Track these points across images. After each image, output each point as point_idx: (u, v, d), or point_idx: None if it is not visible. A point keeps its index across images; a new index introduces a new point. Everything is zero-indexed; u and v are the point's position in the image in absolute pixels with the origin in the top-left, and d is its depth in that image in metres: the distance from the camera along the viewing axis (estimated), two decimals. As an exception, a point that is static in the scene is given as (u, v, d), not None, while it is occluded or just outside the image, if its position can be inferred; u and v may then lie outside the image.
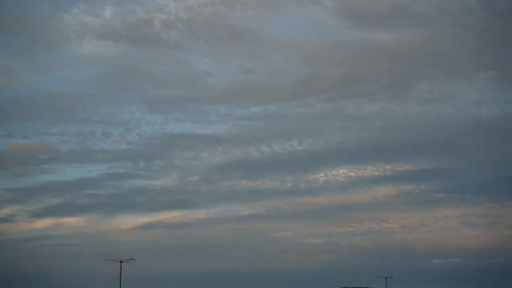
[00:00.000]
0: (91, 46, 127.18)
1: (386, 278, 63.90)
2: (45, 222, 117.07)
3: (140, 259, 77.22)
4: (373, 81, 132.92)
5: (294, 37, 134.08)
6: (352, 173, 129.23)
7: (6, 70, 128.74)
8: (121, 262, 59.83)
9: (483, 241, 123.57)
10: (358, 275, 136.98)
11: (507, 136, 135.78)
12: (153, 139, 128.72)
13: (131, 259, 59.57)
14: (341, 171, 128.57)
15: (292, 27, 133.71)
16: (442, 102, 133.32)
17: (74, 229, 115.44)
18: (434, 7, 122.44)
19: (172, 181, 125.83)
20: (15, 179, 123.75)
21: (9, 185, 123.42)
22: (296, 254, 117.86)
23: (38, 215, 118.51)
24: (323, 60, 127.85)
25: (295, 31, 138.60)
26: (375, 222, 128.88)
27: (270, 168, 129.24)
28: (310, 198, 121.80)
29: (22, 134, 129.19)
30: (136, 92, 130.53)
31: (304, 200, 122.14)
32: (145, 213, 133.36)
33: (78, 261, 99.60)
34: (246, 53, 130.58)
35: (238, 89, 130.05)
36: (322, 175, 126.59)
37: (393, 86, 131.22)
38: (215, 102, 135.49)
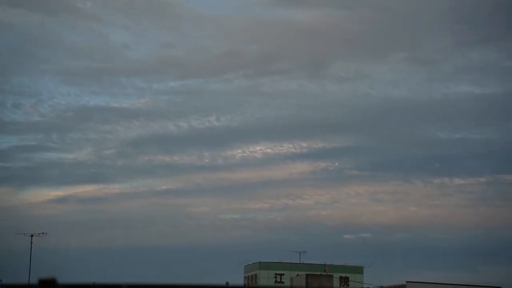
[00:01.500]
0: (4, 14, 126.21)
1: (300, 253, 65.23)
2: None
3: (52, 233, 77.37)
4: (291, 59, 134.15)
5: (214, 13, 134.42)
6: (269, 150, 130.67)
7: None
8: (31, 236, 59.28)
9: (391, 217, 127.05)
10: (273, 250, 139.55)
11: (417, 116, 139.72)
12: (67, 111, 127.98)
13: (43, 233, 59.06)
14: (258, 148, 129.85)
15: (213, 2, 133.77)
16: (357, 82, 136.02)
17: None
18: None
19: (87, 154, 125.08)
20: None
21: None
22: (212, 229, 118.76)
23: None
24: (243, 36, 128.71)
25: (215, 6, 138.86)
26: (291, 198, 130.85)
27: (188, 143, 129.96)
28: (227, 174, 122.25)
29: None
30: (49, 62, 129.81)
31: (221, 175, 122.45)
32: (58, 187, 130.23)
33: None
34: (165, 27, 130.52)
35: (156, 63, 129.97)
36: (239, 151, 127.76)
37: (311, 64, 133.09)
38: (132, 75, 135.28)
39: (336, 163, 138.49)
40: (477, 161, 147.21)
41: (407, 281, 45.00)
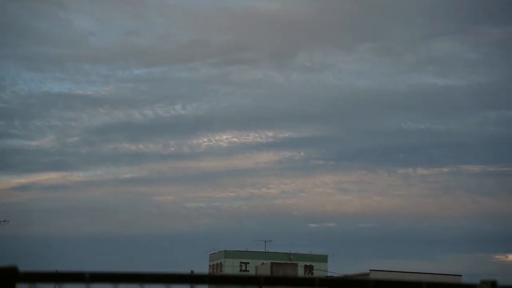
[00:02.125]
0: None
1: (265, 242, 65.94)
2: None
3: (14, 221, 76.27)
4: (257, 48, 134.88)
5: (180, 0, 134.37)
6: (235, 139, 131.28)
7: None
8: (-8, 223, 58.41)
9: (356, 206, 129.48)
10: (238, 239, 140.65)
11: (382, 106, 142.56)
12: (30, 98, 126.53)
13: (4, 221, 58.39)
14: (224, 137, 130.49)
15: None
16: (323, 72, 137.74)
17: None
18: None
19: (50, 141, 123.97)
20: None
21: None
22: (177, 218, 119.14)
23: None
24: (209, 25, 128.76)
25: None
26: (256, 187, 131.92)
27: (153, 131, 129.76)
28: (193, 162, 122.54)
29: None
30: (12, 48, 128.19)
31: (187, 164, 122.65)
32: (21, 174, 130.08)
33: None
34: (130, 14, 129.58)
35: (121, 50, 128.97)
36: (205, 140, 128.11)
37: (277, 54, 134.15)
38: (97, 62, 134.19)
39: (302, 153, 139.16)
40: (440, 151, 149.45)
41: (370, 270, 45.56)
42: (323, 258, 66.48)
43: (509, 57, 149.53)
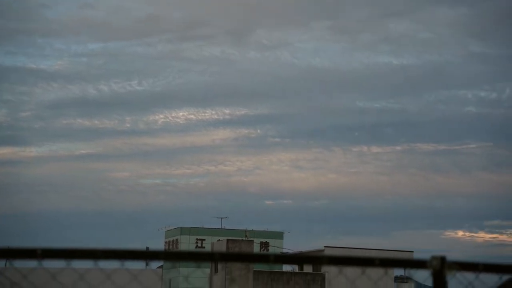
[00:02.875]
0: None
1: (221, 219, 66.63)
2: None
3: None
4: (214, 25, 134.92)
5: None
6: (192, 116, 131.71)
7: None
8: None
9: (311, 183, 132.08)
10: (194, 216, 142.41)
11: (337, 85, 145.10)
12: None
13: None
14: (181, 113, 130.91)
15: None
16: (279, 50, 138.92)
17: None
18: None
19: (2, 116, 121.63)
20: None
21: None
22: (133, 194, 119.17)
23: None
24: (166, 0, 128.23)
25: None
26: (213, 164, 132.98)
27: (108, 107, 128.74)
28: (149, 139, 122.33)
29: None
30: None
31: (143, 140, 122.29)
32: None
33: None
34: None
35: (75, 23, 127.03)
36: (161, 116, 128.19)
37: (234, 31, 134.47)
38: (50, 36, 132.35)
39: (258, 130, 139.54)
40: (394, 130, 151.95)
41: (325, 246, 46.19)
42: (279, 235, 67.10)
43: (462, 37, 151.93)
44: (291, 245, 69.61)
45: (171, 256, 2.91)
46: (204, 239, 64.80)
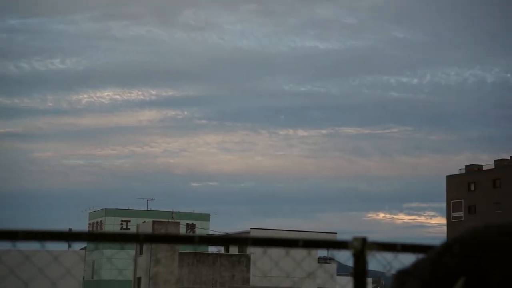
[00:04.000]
0: None
1: (147, 200, 66.89)
2: None
3: None
4: (140, 4, 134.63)
5: None
6: (117, 96, 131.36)
7: None
8: None
9: (238, 166, 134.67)
10: (120, 197, 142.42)
11: (264, 68, 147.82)
12: None
13: None
14: (106, 93, 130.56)
15: None
16: (206, 31, 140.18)
17: None
18: None
19: None
20: None
21: None
22: (56, 175, 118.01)
23: None
24: None
25: None
26: (139, 145, 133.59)
27: (30, 85, 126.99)
28: (72, 119, 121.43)
29: None
30: None
31: (66, 120, 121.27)
32: None
33: None
34: None
35: None
36: (85, 96, 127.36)
37: (160, 11, 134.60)
38: None
39: (185, 112, 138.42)
40: (319, 114, 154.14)
41: (251, 228, 46.61)
42: (205, 217, 67.16)
43: (385, 23, 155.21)
44: (217, 227, 69.99)
45: (95, 237, 2.87)
46: (130, 221, 64.11)
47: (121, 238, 2.65)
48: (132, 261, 43.86)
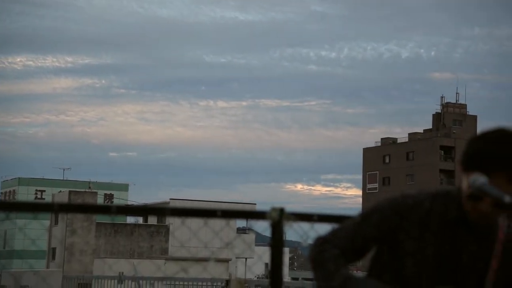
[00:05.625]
0: None
1: (63, 170, 66.05)
2: None
3: None
4: None
5: None
6: (31, 62, 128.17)
7: None
8: None
9: (157, 136, 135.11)
10: (34, 166, 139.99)
11: (185, 38, 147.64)
12: None
13: None
14: (19, 59, 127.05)
15: None
16: None
17: None
18: None
19: None
20: None
21: None
22: None
23: None
24: None
25: None
26: (54, 114, 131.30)
27: None
28: None
29: None
30: None
31: None
32: None
33: None
34: None
35: None
36: None
37: None
38: None
39: (103, 81, 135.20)
40: (239, 85, 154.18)
41: (170, 199, 46.42)
42: (124, 187, 66.32)
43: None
44: (136, 197, 69.32)
45: (6, 206, 2.77)
46: (45, 190, 62.47)
47: (34, 208, 2.56)
48: (47, 232, 42.90)
